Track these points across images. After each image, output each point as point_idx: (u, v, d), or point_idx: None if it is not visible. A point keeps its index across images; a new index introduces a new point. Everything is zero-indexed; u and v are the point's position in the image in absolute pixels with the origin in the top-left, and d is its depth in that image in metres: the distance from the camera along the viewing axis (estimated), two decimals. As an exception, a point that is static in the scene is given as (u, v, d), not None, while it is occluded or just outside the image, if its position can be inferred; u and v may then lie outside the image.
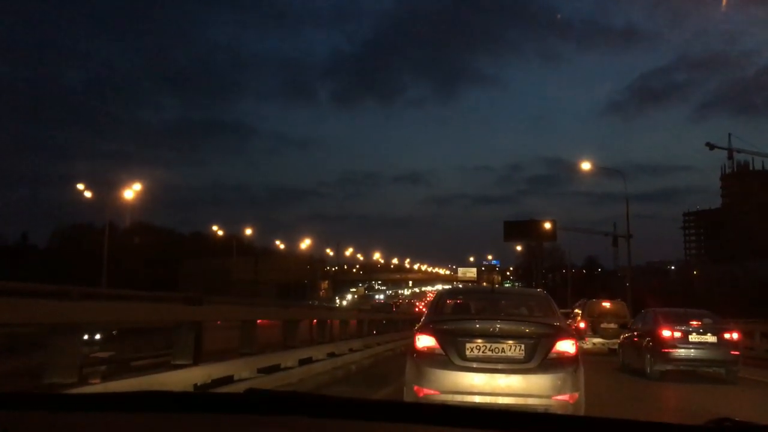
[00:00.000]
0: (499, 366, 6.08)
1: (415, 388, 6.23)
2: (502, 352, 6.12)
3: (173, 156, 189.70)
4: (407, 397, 6.35)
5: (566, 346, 6.24)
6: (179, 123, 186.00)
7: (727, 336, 12.81)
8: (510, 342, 6.14)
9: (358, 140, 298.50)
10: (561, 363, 6.14)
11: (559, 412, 5.92)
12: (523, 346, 6.12)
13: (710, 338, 12.74)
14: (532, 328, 6.34)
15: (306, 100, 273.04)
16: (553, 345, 6.17)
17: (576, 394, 6.10)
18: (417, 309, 78.58)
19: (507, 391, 6.02)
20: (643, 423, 1.47)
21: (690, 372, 12.91)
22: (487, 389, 6.03)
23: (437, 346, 6.24)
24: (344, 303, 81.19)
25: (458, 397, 6.03)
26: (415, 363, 6.32)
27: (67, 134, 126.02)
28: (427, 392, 6.13)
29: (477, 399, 6.01)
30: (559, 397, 6.03)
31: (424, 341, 6.34)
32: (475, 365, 6.09)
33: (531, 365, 6.07)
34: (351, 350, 13.94)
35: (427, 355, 6.26)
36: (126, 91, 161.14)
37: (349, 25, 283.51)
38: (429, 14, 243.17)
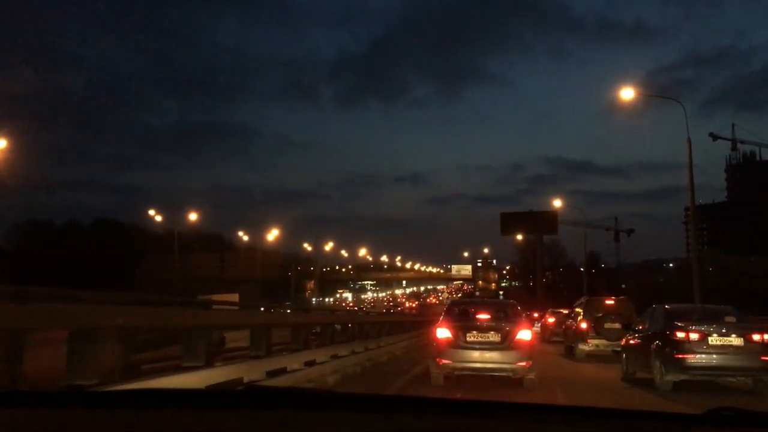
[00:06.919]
0: (486, 346, 10.15)
1: (437, 359, 10.31)
2: (487, 338, 10.18)
3: (174, 158, 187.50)
4: (432, 366, 10.47)
5: (524, 335, 10.30)
6: (181, 125, 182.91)
7: (755, 338, 10.37)
8: (492, 332, 10.22)
9: (360, 141, 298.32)
10: (521, 344, 10.17)
11: (520, 373, 10.07)
12: (499, 334, 10.20)
13: (735, 340, 10.33)
14: (504, 324, 10.39)
15: (309, 102, 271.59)
16: (516, 333, 10.20)
17: (530, 362, 10.06)
18: (429, 301, 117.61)
19: (490, 360, 10.18)
20: (641, 412, 1.57)
21: (709, 382, 10.59)
22: (479, 359, 10.19)
23: (450, 334, 10.30)
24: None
25: (462, 364, 10.25)
26: (437, 344, 10.45)
27: (68, 137, 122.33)
28: (444, 362, 10.23)
29: (474, 365, 10.27)
30: (520, 363, 10.00)
31: (442, 332, 10.40)
32: (473, 346, 10.16)
33: (504, 345, 10.13)
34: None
35: (444, 339, 10.32)
36: (128, 94, 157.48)
37: (354, 25, 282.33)
38: (436, 13, 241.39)
